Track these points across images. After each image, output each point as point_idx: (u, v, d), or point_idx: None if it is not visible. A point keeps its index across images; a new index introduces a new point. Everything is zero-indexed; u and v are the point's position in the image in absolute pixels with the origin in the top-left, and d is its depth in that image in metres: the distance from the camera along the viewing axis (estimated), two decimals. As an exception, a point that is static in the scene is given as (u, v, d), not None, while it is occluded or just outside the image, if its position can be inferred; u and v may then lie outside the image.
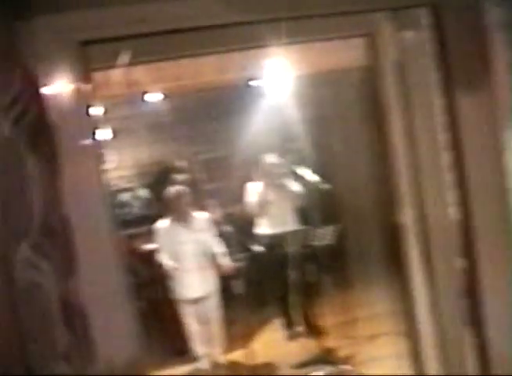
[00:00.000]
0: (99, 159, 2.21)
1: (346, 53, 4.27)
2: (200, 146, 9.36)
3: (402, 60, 2.63)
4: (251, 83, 6.26)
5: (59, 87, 2.06)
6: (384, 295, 4.96)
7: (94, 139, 2.16)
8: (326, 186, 5.70)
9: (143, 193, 9.40)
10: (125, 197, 9.37)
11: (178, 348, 6.57)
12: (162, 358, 6.47)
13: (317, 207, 5.77)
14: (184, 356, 6.46)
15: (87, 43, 2.14)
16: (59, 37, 2.04)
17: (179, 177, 8.75)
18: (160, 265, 5.99)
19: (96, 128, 2.21)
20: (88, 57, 2.17)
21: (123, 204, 9.33)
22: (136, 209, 9.35)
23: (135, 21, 2.16)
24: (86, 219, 2.13)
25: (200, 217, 6.15)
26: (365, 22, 2.58)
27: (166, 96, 6.66)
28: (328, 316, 6.34)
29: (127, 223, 8.86)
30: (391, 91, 2.68)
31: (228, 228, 5.80)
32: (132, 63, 2.36)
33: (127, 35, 2.22)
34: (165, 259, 5.95)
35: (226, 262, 6.05)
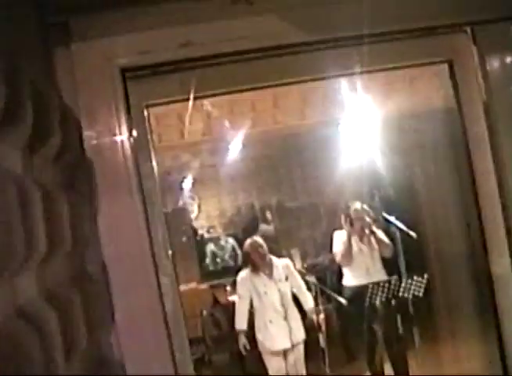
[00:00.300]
0: (142, 201, 2.05)
1: (429, 93, 4.12)
2: (284, 194, 9.27)
3: (488, 92, 2.43)
4: (334, 128, 6.16)
5: (101, 122, 1.96)
6: (476, 351, 4.65)
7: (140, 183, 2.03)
8: (413, 235, 5.45)
9: (229, 242, 9.33)
10: (211, 247, 9.32)
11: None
12: None
13: (404, 257, 5.52)
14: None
15: (129, 70, 2.02)
16: (99, 63, 1.94)
17: (264, 226, 8.75)
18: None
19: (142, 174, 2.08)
20: (140, 90, 2.06)
21: (208, 254, 9.34)
22: (221, 259, 9.28)
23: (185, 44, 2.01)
24: (125, 267, 1.98)
25: (282, 265, 6.02)
26: (446, 45, 2.39)
27: (246, 144, 6.62)
28: (416, 371, 6.03)
29: (212, 274, 8.93)
30: (478, 129, 2.48)
31: (311, 278, 5.62)
32: (198, 96, 2.21)
33: (177, 60, 2.07)
34: (246, 310, 5.85)
35: (311, 309, 5.92)
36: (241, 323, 5.88)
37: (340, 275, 6.33)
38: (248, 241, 6.02)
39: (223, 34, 2.04)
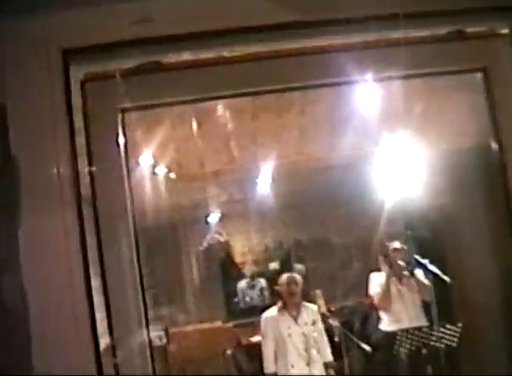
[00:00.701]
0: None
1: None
2: (313, 231, 8.97)
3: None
4: (365, 161, 5.89)
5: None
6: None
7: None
8: (447, 280, 5.07)
9: (260, 282, 9.04)
10: (241, 284, 9.05)
11: None
12: None
13: (438, 303, 5.13)
14: None
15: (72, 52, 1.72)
16: (34, 44, 1.63)
17: (299, 266, 8.46)
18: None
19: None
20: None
21: (239, 292, 9.06)
22: (250, 298, 8.99)
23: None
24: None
25: (310, 309, 5.73)
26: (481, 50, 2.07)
27: (275, 179, 6.38)
28: None
29: (239, 312, 8.65)
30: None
31: (335, 322, 5.27)
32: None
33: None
34: (272, 352, 5.54)
35: (330, 360, 5.59)
36: (270, 366, 5.57)
37: (366, 319, 5.99)
38: (285, 276, 5.76)
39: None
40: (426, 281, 5.64)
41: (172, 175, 6.75)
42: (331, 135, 4.76)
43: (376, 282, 5.89)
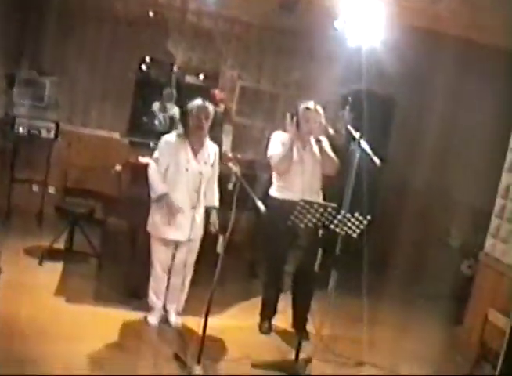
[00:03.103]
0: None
1: None
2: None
3: None
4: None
5: None
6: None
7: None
8: (377, 162, 4.29)
9: (173, 108, 8.32)
10: (155, 106, 8.39)
11: (134, 288, 5.54)
12: (115, 294, 5.62)
13: (354, 189, 4.42)
14: (138, 299, 5.46)
15: None
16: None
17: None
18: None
19: None
20: None
21: (149, 113, 8.46)
22: (158, 122, 8.33)
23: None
24: None
25: (213, 149, 5.05)
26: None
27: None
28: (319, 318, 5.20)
29: (143, 133, 8.05)
30: None
31: (236, 168, 4.49)
32: None
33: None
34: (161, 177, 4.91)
35: (213, 217, 5.10)
36: (160, 188, 4.87)
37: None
38: (197, 103, 4.90)
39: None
40: (332, 154, 4.99)
41: None
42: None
43: (278, 142, 5.12)
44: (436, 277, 6.74)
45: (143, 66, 8.23)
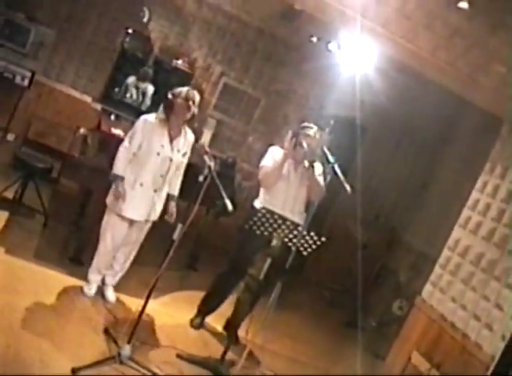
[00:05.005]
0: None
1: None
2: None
3: None
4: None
5: None
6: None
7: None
8: (349, 190, 4.36)
9: (148, 87, 8.27)
10: (130, 80, 8.31)
11: (76, 253, 5.52)
12: (57, 256, 5.58)
13: (318, 210, 4.48)
14: (78, 265, 5.47)
15: None
16: None
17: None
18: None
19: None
20: None
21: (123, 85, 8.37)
22: (130, 96, 8.29)
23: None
24: None
25: (189, 139, 5.03)
26: None
27: None
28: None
29: (114, 102, 7.98)
30: None
31: (211, 162, 4.48)
32: None
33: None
34: (129, 159, 4.86)
35: (172, 205, 5.08)
36: (122, 169, 4.84)
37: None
38: (186, 89, 4.87)
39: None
40: (321, 182, 5.03)
41: None
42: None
43: (272, 156, 5.15)
44: (367, 310, 6.90)
45: (127, 40, 8.17)
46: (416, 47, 4.96)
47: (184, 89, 4.88)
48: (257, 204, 5.14)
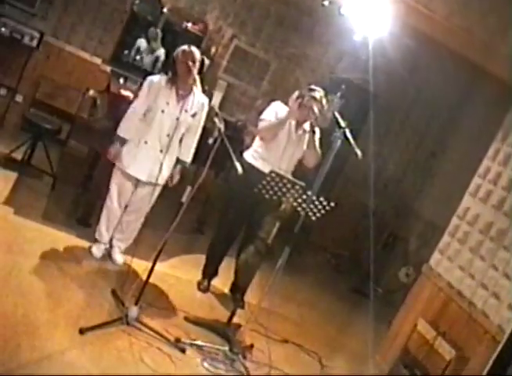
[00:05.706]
0: None
1: None
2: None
3: None
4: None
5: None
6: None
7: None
8: (359, 154, 4.31)
9: (160, 51, 8.14)
10: (141, 43, 8.13)
11: (83, 215, 5.52)
12: (64, 217, 5.60)
13: (327, 176, 4.44)
14: (85, 227, 5.49)
15: None
16: None
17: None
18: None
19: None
20: None
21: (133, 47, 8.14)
22: (141, 60, 8.15)
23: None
24: None
25: (201, 100, 4.94)
26: None
27: None
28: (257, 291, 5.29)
29: (124, 64, 7.84)
30: None
31: (221, 124, 4.43)
32: None
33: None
34: (137, 120, 4.84)
35: (176, 169, 5.05)
36: (127, 132, 4.83)
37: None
38: (182, 47, 4.79)
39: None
40: (318, 148, 5.05)
41: None
42: None
43: (275, 111, 5.11)
44: (374, 277, 6.90)
45: (137, 2, 8.03)
46: (430, 11, 4.86)
47: (180, 49, 4.79)
48: (248, 156, 5.14)
